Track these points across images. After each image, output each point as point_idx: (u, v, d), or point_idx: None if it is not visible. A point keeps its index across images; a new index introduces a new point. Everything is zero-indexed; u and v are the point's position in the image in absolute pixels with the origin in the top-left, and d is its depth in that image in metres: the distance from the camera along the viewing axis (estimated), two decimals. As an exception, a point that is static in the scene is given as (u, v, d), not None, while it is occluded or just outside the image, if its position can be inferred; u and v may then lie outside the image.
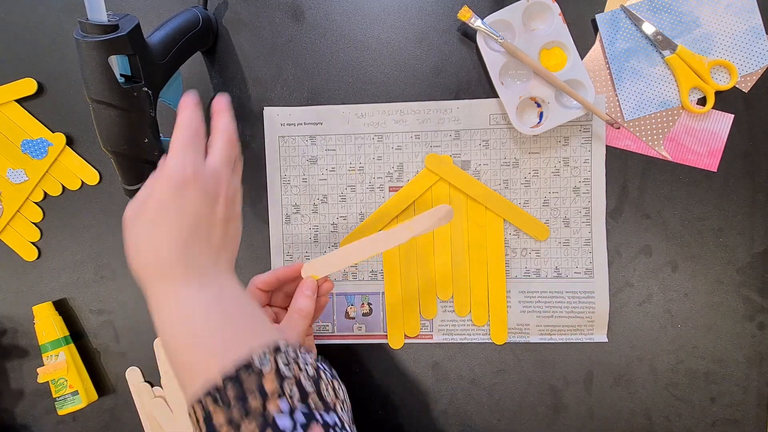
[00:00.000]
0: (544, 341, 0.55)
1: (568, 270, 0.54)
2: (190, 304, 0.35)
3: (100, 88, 0.41)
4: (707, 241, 0.53)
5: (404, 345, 0.56)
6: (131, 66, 0.43)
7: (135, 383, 0.58)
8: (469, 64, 0.54)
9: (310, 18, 0.55)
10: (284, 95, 0.55)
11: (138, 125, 0.44)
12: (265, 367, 0.32)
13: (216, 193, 0.37)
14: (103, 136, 0.44)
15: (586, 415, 0.55)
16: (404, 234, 0.45)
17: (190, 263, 0.35)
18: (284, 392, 0.32)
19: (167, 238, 0.35)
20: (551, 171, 0.54)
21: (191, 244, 0.35)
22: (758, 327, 0.53)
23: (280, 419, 0.31)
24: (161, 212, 0.35)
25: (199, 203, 0.36)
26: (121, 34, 0.41)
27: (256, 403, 0.31)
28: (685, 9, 0.51)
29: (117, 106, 0.42)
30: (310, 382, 0.34)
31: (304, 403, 0.32)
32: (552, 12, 0.51)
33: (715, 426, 0.54)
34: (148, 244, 0.35)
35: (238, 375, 0.32)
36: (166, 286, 0.35)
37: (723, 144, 0.52)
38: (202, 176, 0.36)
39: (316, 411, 0.33)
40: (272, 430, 0.30)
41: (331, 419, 0.33)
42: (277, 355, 0.33)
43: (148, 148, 0.45)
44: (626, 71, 0.53)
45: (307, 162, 0.56)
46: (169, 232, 0.35)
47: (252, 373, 0.32)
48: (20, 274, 0.59)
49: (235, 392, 0.31)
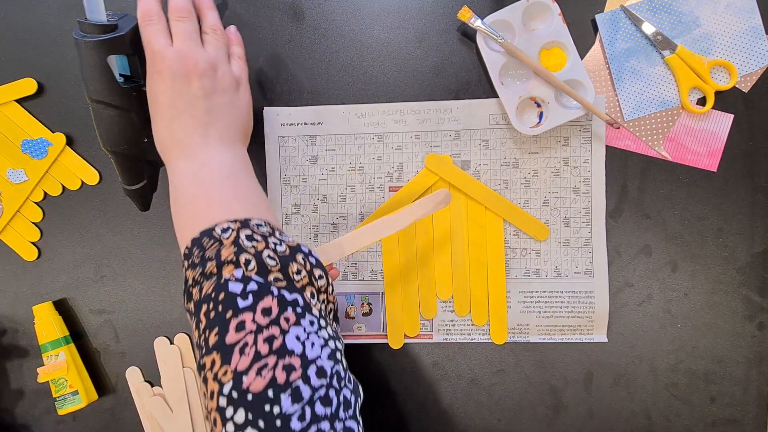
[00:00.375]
0: (544, 341, 0.55)
1: (568, 270, 0.54)
2: (177, 175, 0.40)
3: (100, 88, 0.41)
4: (707, 241, 0.53)
5: (404, 345, 0.56)
6: (130, 66, 0.43)
7: (135, 383, 0.58)
8: (469, 64, 0.54)
9: (310, 18, 0.55)
10: (284, 95, 0.55)
11: (137, 125, 0.44)
12: (225, 237, 0.35)
13: (185, 70, 0.40)
14: (102, 136, 0.44)
15: (586, 415, 0.55)
16: (406, 218, 0.47)
17: (176, 140, 0.41)
18: (239, 262, 0.34)
19: (158, 122, 0.41)
20: (551, 171, 0.54)
21: (173, 122, 0.41)
22: (758, 327, 0.53)
23: (232, 284, 0.33)
24: (152, 104, 0.41)
25: (170, 83, 0.40)
26: (120, 34, 0.41)
27: (212, 267, 0.34)
28: (685, 9, 0.51)
29: (116, 106, 0.42)
30: (275, 260, 0.35)
31: (262, 276, 0.34)
32: (552, 12, 0.51)
33: (715, 426, 0.54)
34: (154, 132, 0.42)
35: (201, 241, 0.35)
36: (168, 162, 0.41)
37: (723, 144, 0.52)
38: (165, 61, 0.40)
39: (274, 286, 0.34)
40: (224, 293, 0.33)
41: (292, 297, 0.34)
42: (242, 229, 0.36)
43: (148, 147, 0.45)
44: (626, 71, 0.53)
45: (307, 162, 0.56)
46: (159, 118, 0.41)
47: (213, 240, 0.35)
48: (20, 274, 0.59)
49: (198, 255, 0.35)
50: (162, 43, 0.40)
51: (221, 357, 0.31)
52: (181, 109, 0.40)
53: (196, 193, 0.39)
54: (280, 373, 0.31)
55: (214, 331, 0.32)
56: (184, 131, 0.40)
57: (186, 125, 0.40)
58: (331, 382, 0.33)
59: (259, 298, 0.33)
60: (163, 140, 0.41)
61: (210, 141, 0.41)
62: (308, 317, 0.34)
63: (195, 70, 0.40)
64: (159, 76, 0.40)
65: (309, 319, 0.34)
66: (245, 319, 0.32)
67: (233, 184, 0.40)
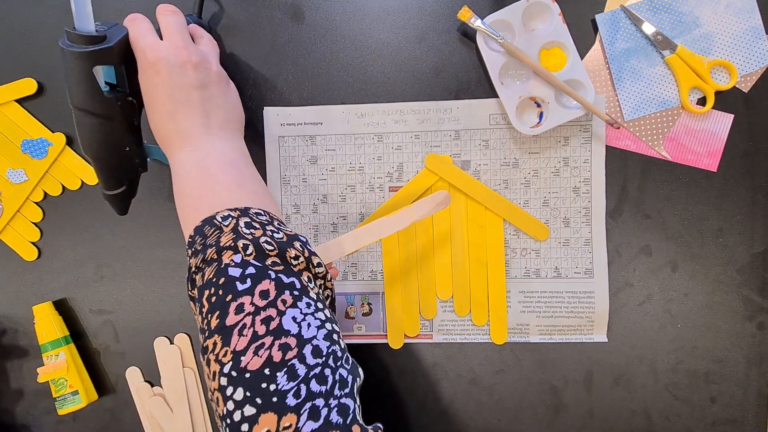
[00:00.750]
0: (544, 341, 0.55)
1: (568, 270, 0.54)
2: (181, 165, 0.41)
3: (84, 97, 0.41)
4: (707, 241, 0.53)
5: (404, 345, 0.56)
6: (117, 75, 0.43)
7: (135, 383, 0.58)
8: (469, 64, 0.54)
9: (310, 18, 0.55)
10: (284, 95, 0.55)
11: (120, 133, 0.44)
12: (225, 225, 0.36)
13: (180, 61, 0.41)
14: (84, 143, 0.43)
15: (586, 415, 0.55)
16: (405, 219, 0.47)
17: (180, 130, 0.42)
18: (238, 248, 0.35)
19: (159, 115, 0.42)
20: (551, 171, 0.54)
21: (175, 111, 0.41)
22: (758, 327, 0.53)
23: (231, 269, 0.34)
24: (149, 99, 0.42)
25: (167, 75, 0.41)
26: (107, 46, 0.40)
27: (212, 253, 0.35)
28: (685, 9, 0.51)
29: (99, 115, 0.42)
30: (273, 245, 0.36)
31: (260, 261, 0.35)
32: (552, 12, 0.51)
33: (715, 426, 0.54)
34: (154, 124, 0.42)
35: (203, 229, 0.37)
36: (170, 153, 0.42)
37: (723, 144, 0.52)
38: (160, 52, 0.41)
39: (271, 270, 0.35)
40: (224, 277, 0.34)
41: (289, 280, 0.35)
42: (241, 216, 0.37)
43: (129, 155, 0.45)
44: (626, 71, 0.53)
45: (307, 162, 0.56)
46: (159, 111, 0.42)
47: (214, 227, 0.36)
48: (20, 274, 0.59)
49: (200, 242, 0.36)
50: (154, 38, 0.42)
51: (222, 339, 0.33)
52: (180, 100, 0.41)
53: (201, 182, 0.40)
54: (276, 352, 0.32)
55: (215, 314, 0.33)
56: (188, 121, 0.41)
57: (188, 115, 0.41)
58: (326, 361, 0.33)
59: (257, 281, 0.34)
60: (166, 132, 0.42)
61: (212, 130, 0.42)
62: (305, 300, 0.35)
63: (190, 61, 0.42)
64: (153, 70, 0.41)
65: (306, 301, 0.35)
66: (244, 302, 0.33)
67: (235, 173, 0.41)
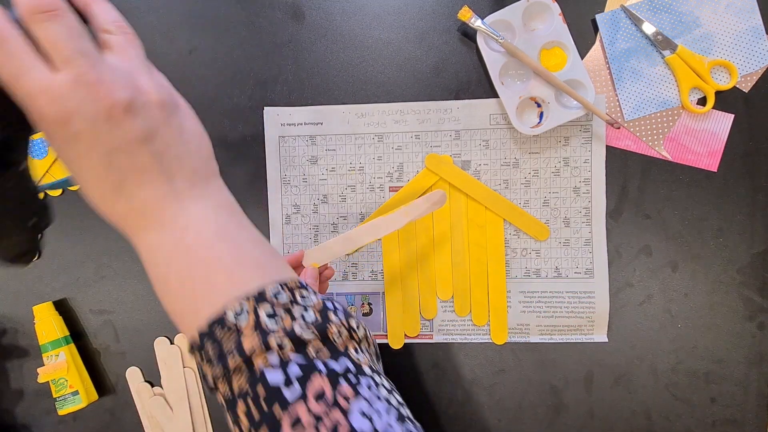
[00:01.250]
0: (544, 341, 0.55)
1: (568, 270, 0.54)
2: (153, 252, 0.30)
3: None
4: (707, 241, 0.53)
5: (404, 345, 0.56)
6: None
7: (135, 383, 0.58)
8: (469, 64, 0.54)
9: (310, 18, 0.55)
10: (284, 95, 0.55)
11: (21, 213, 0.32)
12: (242, 322, 0.28)
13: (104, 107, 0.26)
14: None
15: (586, 415, 0.55)
16: (401, 219, 0.47)
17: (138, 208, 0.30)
18: (270, 346, 0.27)
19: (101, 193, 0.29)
20: (551, 171, 0.54)
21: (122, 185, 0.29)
22: (758, 327, 0.53)
23: (269, 373, 0.27)
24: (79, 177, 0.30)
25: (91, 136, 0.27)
26: None
27: (238, 363, 0.27)
28: (685, 9, 0.51)
29: None
30: (310, 329, 0.29)
31: (301, 353, 0.28)
32: (552, 12, 0.51)
33: (715, 426, 0.54)
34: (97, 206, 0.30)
35: (212, 332, 0.28)
36: (133, 236, 0.30)
37: (723, 144, 0.52)
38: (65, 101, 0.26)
39: (318, 360, 0.28)
40: (263, 386, 0.27)
41: (341, 365, 0.29)
42: (259, 305, 0.28)
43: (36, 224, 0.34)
44: (626, 71, 0.53)
45: (307, 162, 0.56)
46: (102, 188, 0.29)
47: (227, 329, 0.28)
48: (20, 274, 0.59)
49: (213, 351, 0.28)
50: (39, 75, 0.25)
51: None
52: (125, 167, 0.28)
53: (187, 271, 0.29)
54: None
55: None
56: (144, 192, 0.29)
57: (142, 185, 0.29)
58: None
59: (306, 381, 0.27)
60: (117, 214, 0.30)
61: (181, 194, 0.30)
62: (363, 381, 0.29)
63: (117, 103, 0.26)
64: (66, 133, 0.26)
65: (365, 382, 0.29)
66: (299, 413, 0.26)
67: (228, 246, 0.30)
